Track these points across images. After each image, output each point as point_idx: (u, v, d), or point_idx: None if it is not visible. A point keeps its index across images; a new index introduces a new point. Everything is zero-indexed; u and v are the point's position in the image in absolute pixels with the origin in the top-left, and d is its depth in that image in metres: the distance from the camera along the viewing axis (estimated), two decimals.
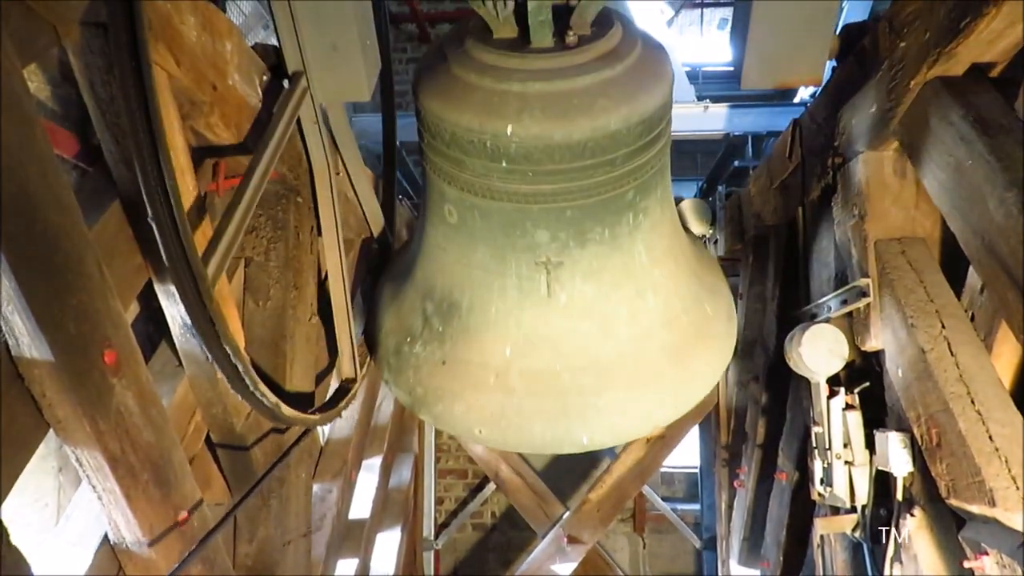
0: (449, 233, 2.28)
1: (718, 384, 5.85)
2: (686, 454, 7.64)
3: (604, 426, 2.35)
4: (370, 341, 2.79)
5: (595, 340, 2.30)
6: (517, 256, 2.19)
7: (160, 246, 1.60)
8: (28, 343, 1.39)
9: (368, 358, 2.93)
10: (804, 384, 3.14)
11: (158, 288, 1.96)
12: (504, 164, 1.97)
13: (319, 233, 2.79)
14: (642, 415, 2.39)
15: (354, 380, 2.80)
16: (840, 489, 2.87)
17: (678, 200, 4.48)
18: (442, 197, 2.21)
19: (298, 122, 2.51)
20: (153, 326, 2.24)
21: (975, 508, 2.11)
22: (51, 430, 1.51)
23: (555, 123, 1.91)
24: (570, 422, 2.32)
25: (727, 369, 3.07)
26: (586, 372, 2.31)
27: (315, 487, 3.28)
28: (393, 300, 2.65)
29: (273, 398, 2.10)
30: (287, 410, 2.21)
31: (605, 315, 2.30)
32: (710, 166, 6.20)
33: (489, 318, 2.31)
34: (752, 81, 2.44)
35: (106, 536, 1.74)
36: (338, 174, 2.81)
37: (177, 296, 1.71)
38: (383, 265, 3.21)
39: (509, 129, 1.90)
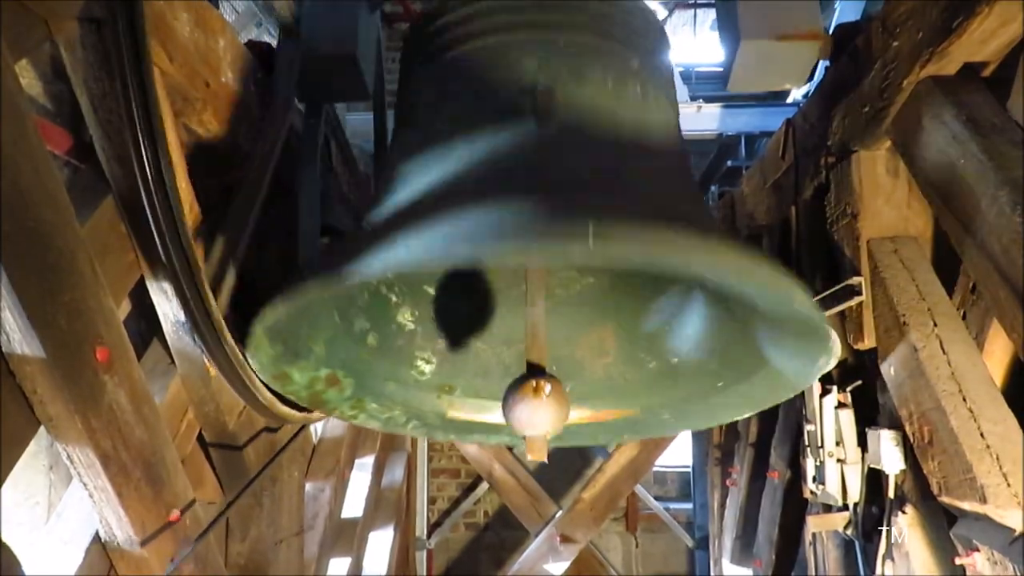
0: (422, 119, 1.98)
1: None
2: (679, 453, 7.66)
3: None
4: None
5: (592, 162, 1.83)
6: (502, 91, 1.85)
7: (157, 243, 1.59)
8: (19, 340, 1.38)
9: None
10: None
11: (150, 285, 1.95)
12: None
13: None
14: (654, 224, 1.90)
15: None
16: (832, 487, 2.88)
17: None
18: (419, 84, 1.99)
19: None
20: (145, 324, 2.23)
21: (967, 505, 2.12)
22: (42, 427, 1.50)
23: None
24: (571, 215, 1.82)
25: None
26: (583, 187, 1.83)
27: (308, 486, 3.27)
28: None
29: (268, 394, 2.09)
30: (282, 407, 2.21)
31: (605, 150, 1.88)
32: (703, 166, 6.21)
33: (468, 156, 1.89)
34: (739, 86, 2.47)
35: (97, 534, 1.73)
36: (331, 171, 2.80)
37: (170, 293, 1.70)
38: None
39: None
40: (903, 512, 2.55)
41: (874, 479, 2.79)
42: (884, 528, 2.64)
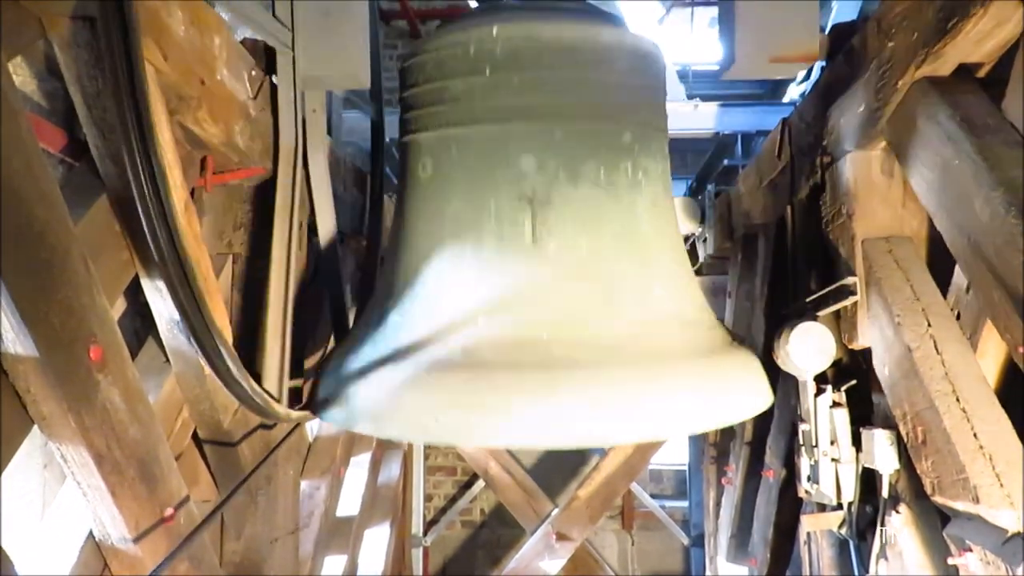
0: (421, 194, 2.04)
1: None
2: (675, 451, 7.68)
3: (606, 413, 1.73)
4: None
5: (594, 305, 1.84)
6: (498, 192, 1.89)
7: (150, 241, 1.59)
8: (12, 339, 1.38)
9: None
10: (792, 382, 3.15)
11: (145, 284, 1.95)
12: (488, 73, 1.89)
13: (310, 228, 2.76)
14: (659, 403, 1.79)
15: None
16: (827, 486, 2.88)
17: None
18: (417, 153, 2.06)
19: (273, 101, 2.50)
20: (140, 322, 2.23)
21: (960, 505, 2.13)
22: (36, 426, 1.50)
23: (543, 23, 1.91)
24: (560, 403, 1.71)
25: None
26: (583, 345, 1.79)
27: (303, 484, 3.27)
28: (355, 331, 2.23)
29: (262, 393, 2.09)
30: (276, 405, 2.21)
31: (605, 276, 1.88)
32: (699, 165, 6.21)
33: (460, 279, 1.89)
34: (743, 70, 2.48)
35: (91, 533, 1.73)
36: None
37: (164, 291, 1.70)
38: (370, 263, 3.20)
39: (495, 30, 1.88)
40: (897, 512, 2.55)
41: (868, 479, 2.79)
42: (878, 527, 2.65)
